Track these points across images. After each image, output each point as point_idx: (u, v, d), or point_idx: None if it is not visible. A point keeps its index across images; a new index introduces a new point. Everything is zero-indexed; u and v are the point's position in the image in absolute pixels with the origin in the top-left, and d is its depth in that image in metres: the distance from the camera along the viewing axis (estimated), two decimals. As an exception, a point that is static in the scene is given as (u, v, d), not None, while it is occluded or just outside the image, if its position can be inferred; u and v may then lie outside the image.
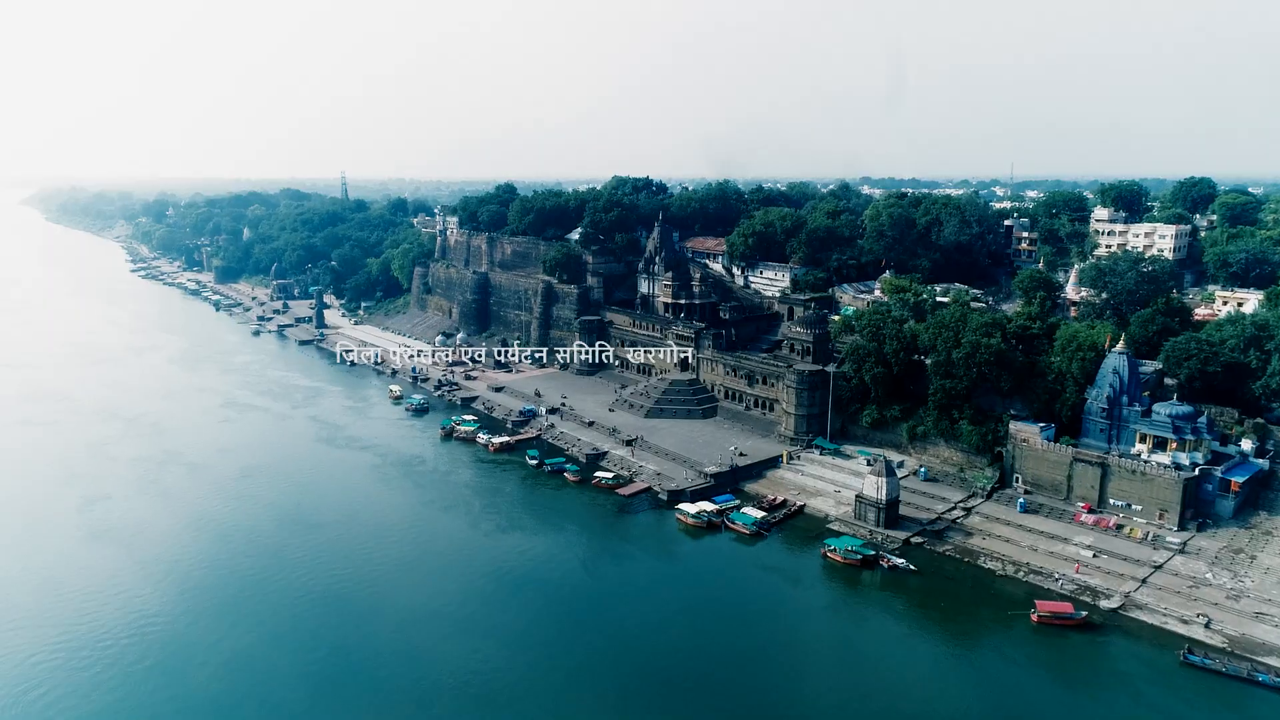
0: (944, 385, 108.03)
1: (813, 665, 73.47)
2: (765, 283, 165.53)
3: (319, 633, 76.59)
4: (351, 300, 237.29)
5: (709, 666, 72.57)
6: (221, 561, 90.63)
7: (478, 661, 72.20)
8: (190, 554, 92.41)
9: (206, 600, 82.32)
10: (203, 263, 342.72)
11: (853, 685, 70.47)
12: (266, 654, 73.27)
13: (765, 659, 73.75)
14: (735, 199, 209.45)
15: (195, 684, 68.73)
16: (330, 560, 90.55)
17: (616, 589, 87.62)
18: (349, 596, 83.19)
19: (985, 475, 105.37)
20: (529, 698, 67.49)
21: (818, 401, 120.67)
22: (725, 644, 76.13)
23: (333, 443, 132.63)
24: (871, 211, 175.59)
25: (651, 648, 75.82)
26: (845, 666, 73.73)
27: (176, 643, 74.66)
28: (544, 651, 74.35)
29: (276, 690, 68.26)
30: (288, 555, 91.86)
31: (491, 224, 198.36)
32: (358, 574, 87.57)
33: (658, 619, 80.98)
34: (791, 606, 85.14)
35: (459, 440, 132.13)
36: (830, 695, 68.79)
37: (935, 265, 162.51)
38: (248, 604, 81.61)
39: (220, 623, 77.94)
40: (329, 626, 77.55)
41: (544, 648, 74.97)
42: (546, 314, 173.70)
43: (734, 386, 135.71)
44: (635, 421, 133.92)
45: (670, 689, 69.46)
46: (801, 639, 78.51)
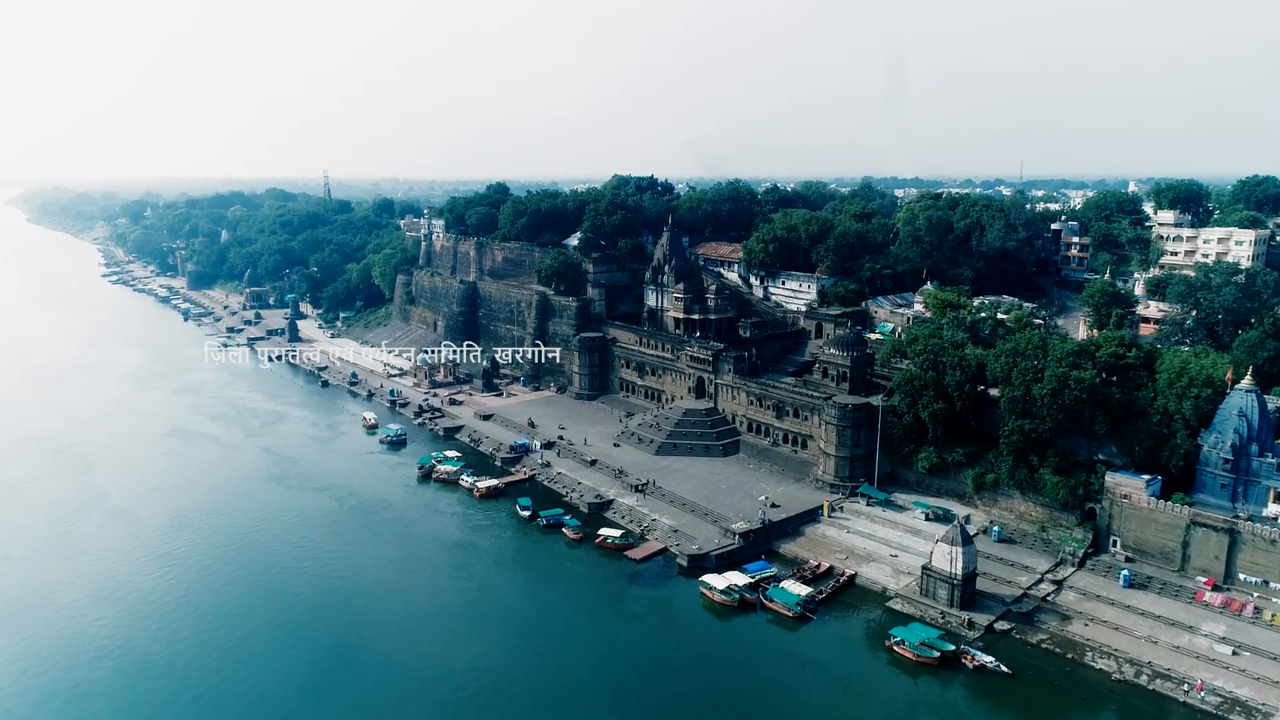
0: (1021, 426, 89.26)
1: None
2: (788, 294, 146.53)
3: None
4: (329, 310, 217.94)
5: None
6: (106, 657, 71.46)
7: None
8: (66, 656, 73.02)
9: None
10: (177, 267, 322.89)
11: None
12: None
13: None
14: (748, 200, 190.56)
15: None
16: (233, 666, 70.82)
17: (626, 695, 68.52)
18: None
19: (1075, 538, 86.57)
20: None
21: (863, 441, 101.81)
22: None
23: (284, 481, 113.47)
24: (905, 214, 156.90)
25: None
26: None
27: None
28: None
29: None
30: (177, 656, 72.11)
31: (481, 228, 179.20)
32: (263, 687, 68.10)
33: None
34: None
35: (439, 482, 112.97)
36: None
37: (978, 275, 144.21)
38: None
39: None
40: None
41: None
42: (541, 329, 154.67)
43: (759, 419, 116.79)
44: (644, 459, 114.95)
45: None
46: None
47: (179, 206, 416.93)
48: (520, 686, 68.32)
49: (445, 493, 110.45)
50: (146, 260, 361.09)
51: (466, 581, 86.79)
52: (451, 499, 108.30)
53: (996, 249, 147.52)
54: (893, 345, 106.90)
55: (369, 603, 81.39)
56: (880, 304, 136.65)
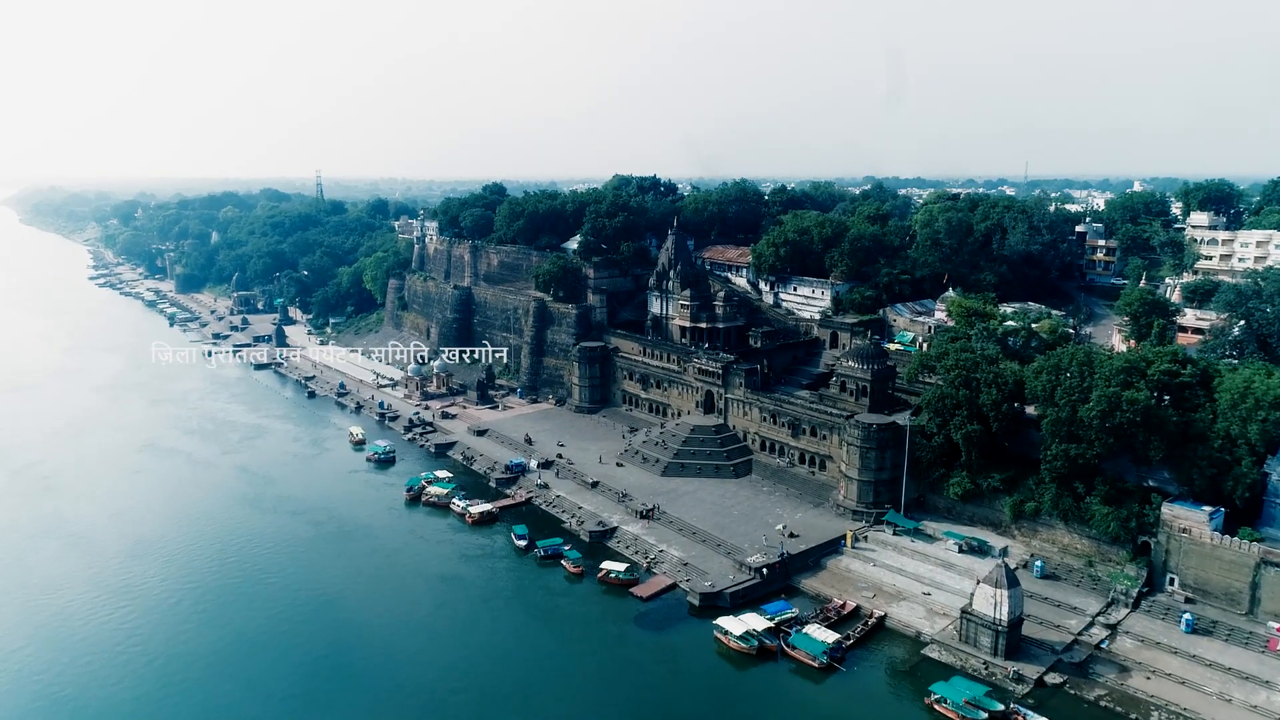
0: (1066, 451, 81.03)
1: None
2: (800, 301, 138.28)
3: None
4: (319, 316, 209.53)
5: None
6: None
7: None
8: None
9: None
10: (166, 270, 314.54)
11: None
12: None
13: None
14: (755, 201, 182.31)
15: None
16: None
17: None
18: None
19: (1127, 575, 78.30)
20: None
21: (888, 464, 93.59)
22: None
23: (258, 504, 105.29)
24: (922, 216, 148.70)
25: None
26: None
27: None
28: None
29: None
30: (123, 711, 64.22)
31: (476, 230, 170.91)
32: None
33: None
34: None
35: (429, 506, 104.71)
36: None
37: (1001, 280, 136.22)
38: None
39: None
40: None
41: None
42: (539, 338, 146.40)
43: (773, 437, 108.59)
44: (650, 481, 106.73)
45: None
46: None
47: (170, 207, 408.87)
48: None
49: (435, 518, 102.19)
50: (136, 262, 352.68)
51: (451, 622, 78.54)
52: (441, 525, 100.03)
53: (1019, 252, 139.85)
54: (920, 359, 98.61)
55: (338, 646, 73.21)
56: (899, 312, 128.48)
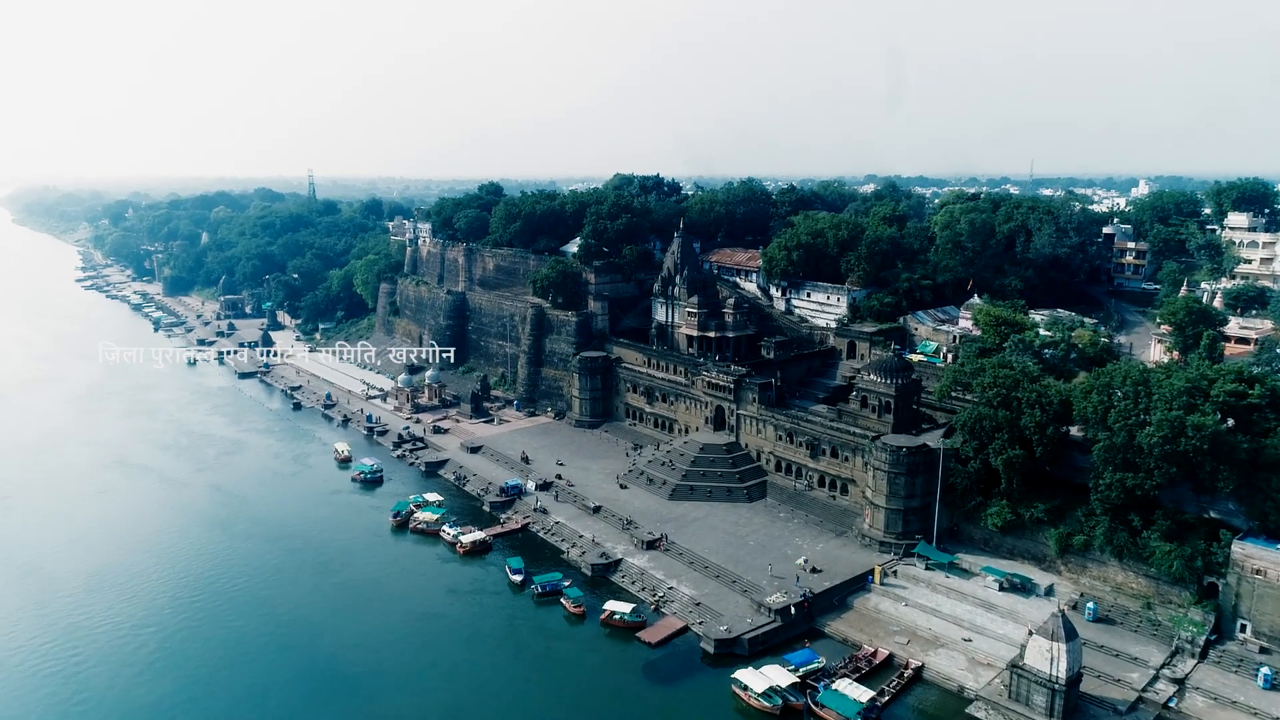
0: (1121, 481, 72.93)
1: None
2: (814, 308, 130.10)
3: None
4: (308, 321, 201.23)
5: None
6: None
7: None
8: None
9: None
10: (154, 272, 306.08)
11: None
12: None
13: None
14: (763, 201, 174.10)
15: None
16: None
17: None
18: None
19: (1192, 620, 70.20)
20: None
21: (918, 490, 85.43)
22: None
23: (229, 528, 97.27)
24: (943, 217, 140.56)
25: None
26: None
27: None
28: None
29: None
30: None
31: (471, 232, 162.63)
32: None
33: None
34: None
35: (417, 533, 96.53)
36: None
37: (1027, 284, 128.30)
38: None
39: None
40: None
41: None
42: (537, 347, 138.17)
43: (789, 457, 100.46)
44: (656, 505, 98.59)
45: None
46: None
47: (160, 207, 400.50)
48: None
49: (423, 546, 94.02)
50: (124, 264, 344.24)
51: (435, 667, 70.47)
52: (429, 555, 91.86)
53: (1046, 256, 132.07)
54: (954, 376, 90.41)
55: (308, 697, 65.27)
56: (921, 320, 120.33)
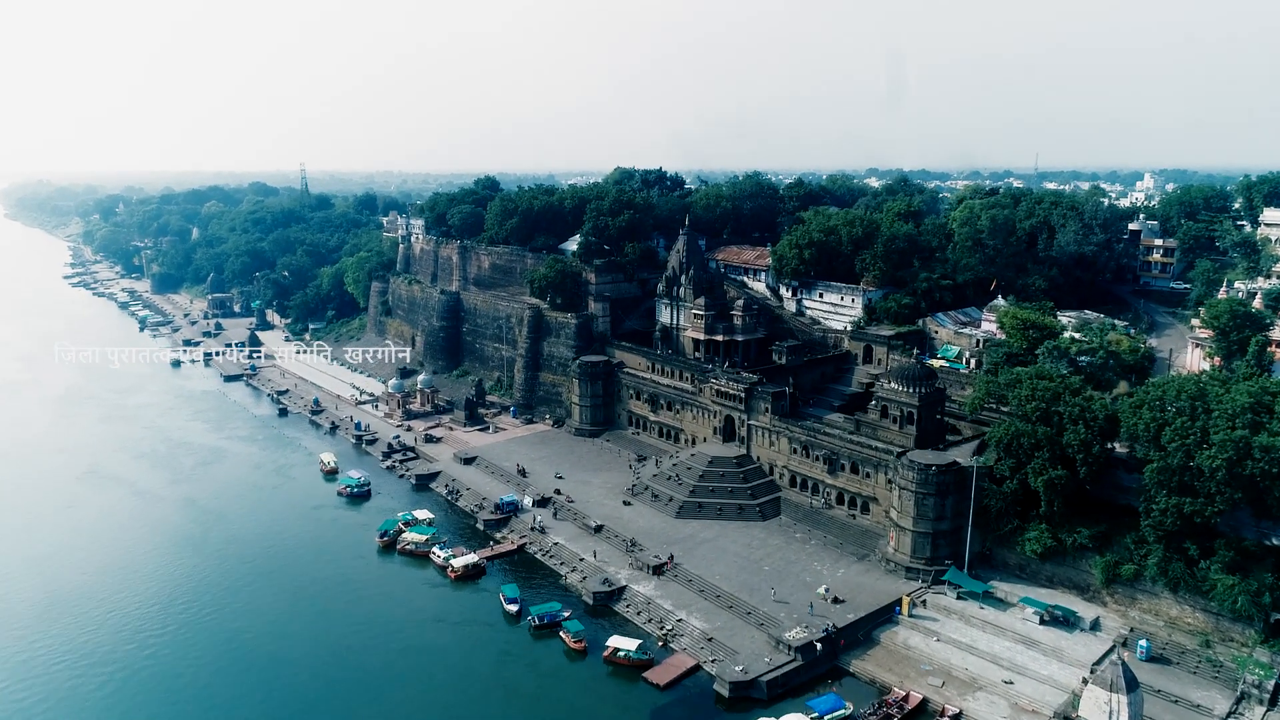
0: (1178, 506, 66.23)
1: None
2: (827, 309, 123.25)
3: None
4: (297, 320, 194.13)
5: None
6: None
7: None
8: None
9: None
10: (143, 268, 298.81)
11: None
12: None
13: None
14: (771, 196, 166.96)
15: None
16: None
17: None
18: None
19: (1258, 662, 63.54)
20: None
21: (948, 512, 78.62)
22: None
23: (201, 548, 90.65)
24: (962, 213, 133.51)
25: None
26: None
27: None
28: None
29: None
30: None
31: (465, 229, 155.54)
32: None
33: None
34: None
35: (405, 555, 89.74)
36: None
37: (1052, 284, 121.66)
38: None
39: None
40: None
41: None
42: (535, 350, 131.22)
43: (805, 472, 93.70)
44: (662, 524, 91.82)
45: None
46: None
47: (151, 202, 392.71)
48: None
49: (411, 569, 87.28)
50: (113, 260, 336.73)
51: (419, 710, 63.77)
52: (417, 579, 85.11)
53: (1070, 254, 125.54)
54: (986, 387, 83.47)
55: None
56: (941, 322, 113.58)
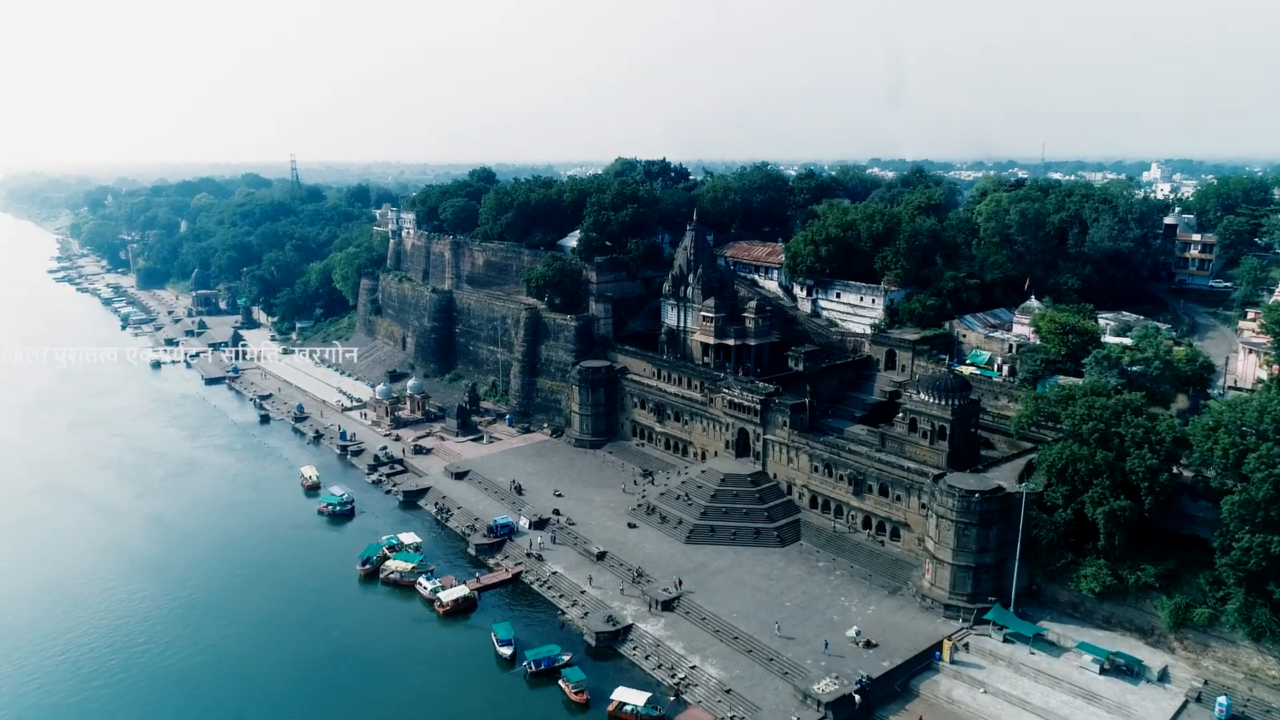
0: (1264, 544, 58.10)
1: None
2: (845, 310, 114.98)
3: None
4: (284, 319, 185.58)
5: None
6: None
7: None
8: None
9: None
10: (129, 262, 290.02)
11: None
12: None
13: None
14: (781, 189, 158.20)
15: None
16: None
17: None
18: None
19: (1360, 725, 55.64)
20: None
21: (992, 543, 70.42)
22: None
23: (163, 574, 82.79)
24: (988, 207, 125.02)
25: None
26: None
27: None
28: None
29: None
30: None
31: (458, 224, 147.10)
32: None
33: None
34: None
35: (388, 586, 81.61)
36: None
37: (1085, 283, 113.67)
38: None
39: None
40: None
41: None
42: (532, 354, 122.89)
43: (827, 493, 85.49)
44: (671, 550, 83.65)
45: None
46: None
47: (140, 194, 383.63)
48: None
49: (395, 601, 79.20)
50: (100, 254, 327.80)
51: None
52: (402, 614, 77.01)
53: (1105, 250, 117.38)
54: (1035, 406, 75.10)
55: None
56: (969, 325, 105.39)
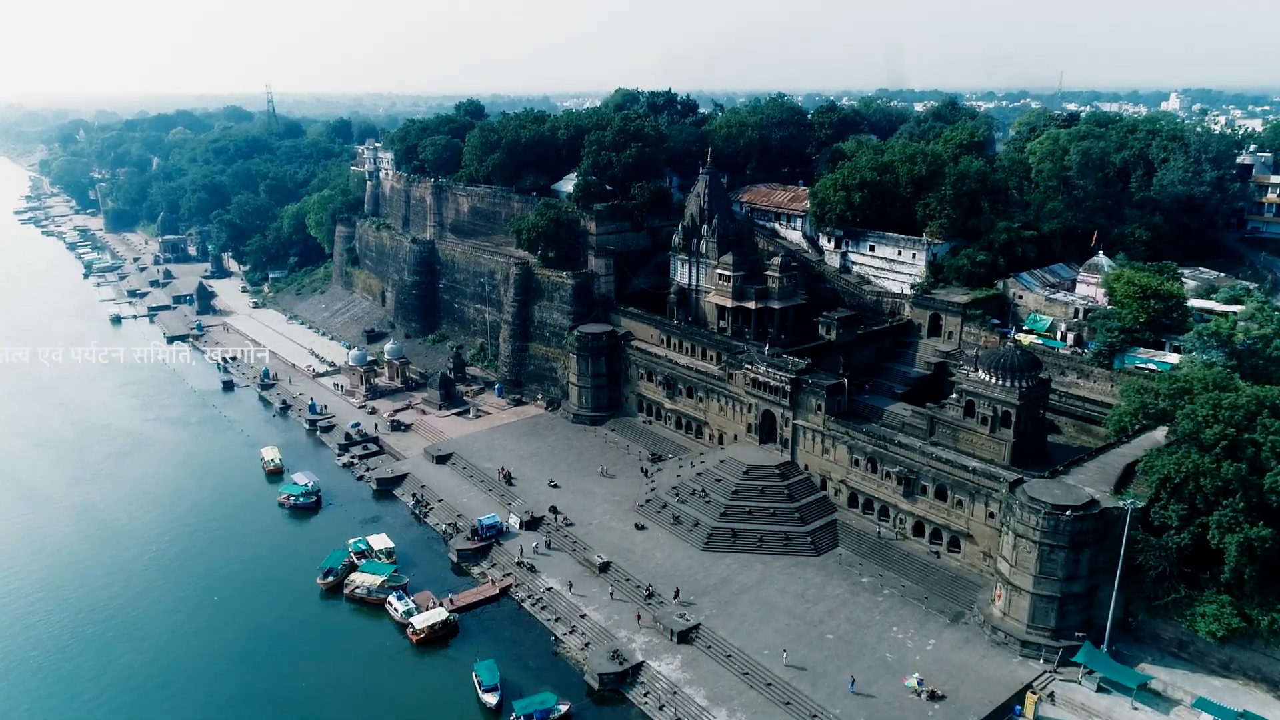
0: None
1: None
2: (880, 266, 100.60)
3: None
4: (256, 269, 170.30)
5: None
6: None
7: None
8: None
9: None
10: (98, 203, 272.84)
11: None
12: None
13: None
14: (801, 124, 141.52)
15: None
16: None
17: None
18: None
19: None
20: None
21: (1083, 569, 57.64)
22: None
23: (85, 583, 71.58)
24: (1043, 145, 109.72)
25: None
26: None
27: None
28: None
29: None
30: None
31: (441, 164, 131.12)
32: None
33: None
34: None
35: (354, 605, 69.21)
36: None
37: (1154, 234, 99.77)
38: None
39: None
40: None
41: None
42: (523, 316, 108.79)
43: (871, 492, 72.59)
44: (686, 559, 71.09)
45: None
46: None
47: (113, 128, 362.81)
48: None
49: (362, 622, 66.94)
50: (70, 193, 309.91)
51: None
52: (368, 641, 64.73)
53: (1175, 195, 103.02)
54: (1139, 404, 61.53)
55: None
56: (1026, 284, 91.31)
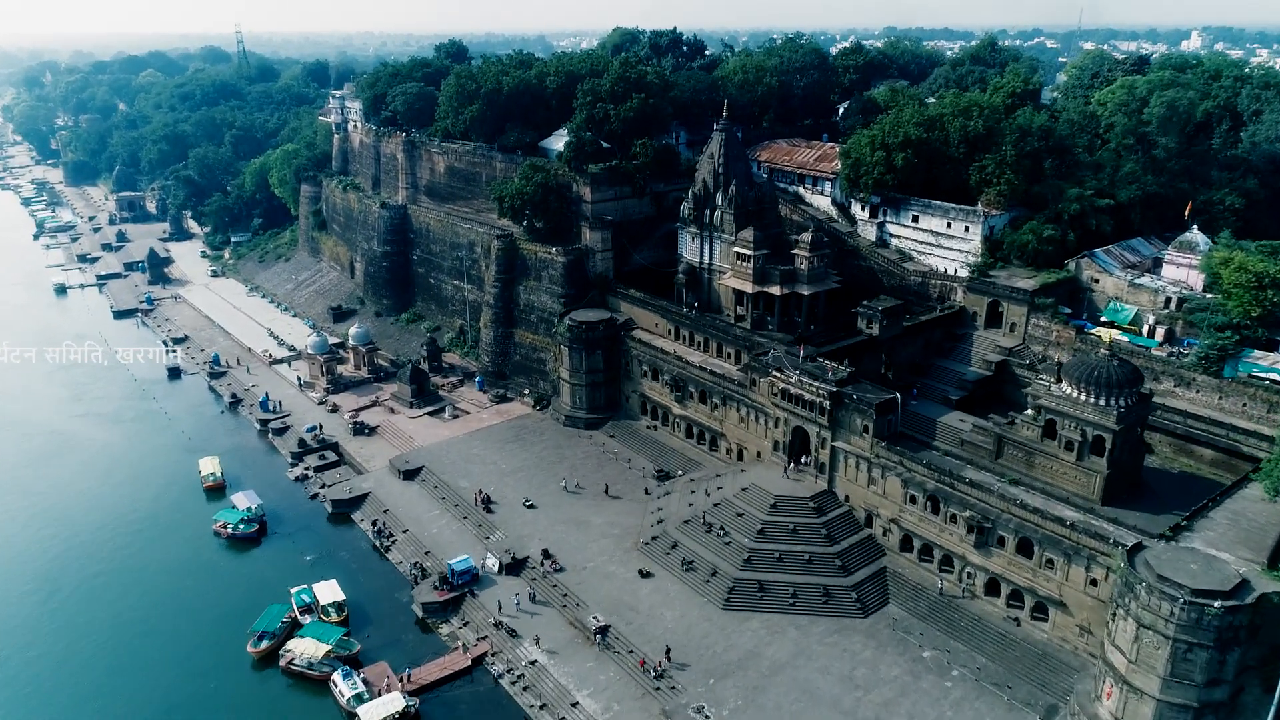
0: None
1: None
2: (925, 240, 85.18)
3: None
4: (216, 231, 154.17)
5: None
6: None
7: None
8: None
9: None
10: (60, 153, 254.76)
11: None
12: None
13: None
14: (823, 68, 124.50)
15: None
16: None
17: None
18: None
19: None
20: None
21: (1229, 672, 44.03)
22: None
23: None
24: (1117, 95, 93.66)
25: None
26: None
27: None
28: None
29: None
30: None
31: (413, 116, 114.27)
32: None
33: None
34: None
35: (293, 678, 55.88)
36: None
37: (1249, 201, 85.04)
38: None
39: None
40: None
41: None
42: (507, 297, 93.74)
43: (931, 536, 58.73)
44: (702, 620, 57.54)
45: None
46: None
47: (81, 70, 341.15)
48: None
49: (299, 701, 53.74)
50: (32, 141, 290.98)
51: None
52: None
53: (1274, 155, 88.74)
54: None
55: None
56: (1104, 265, 76.34)
